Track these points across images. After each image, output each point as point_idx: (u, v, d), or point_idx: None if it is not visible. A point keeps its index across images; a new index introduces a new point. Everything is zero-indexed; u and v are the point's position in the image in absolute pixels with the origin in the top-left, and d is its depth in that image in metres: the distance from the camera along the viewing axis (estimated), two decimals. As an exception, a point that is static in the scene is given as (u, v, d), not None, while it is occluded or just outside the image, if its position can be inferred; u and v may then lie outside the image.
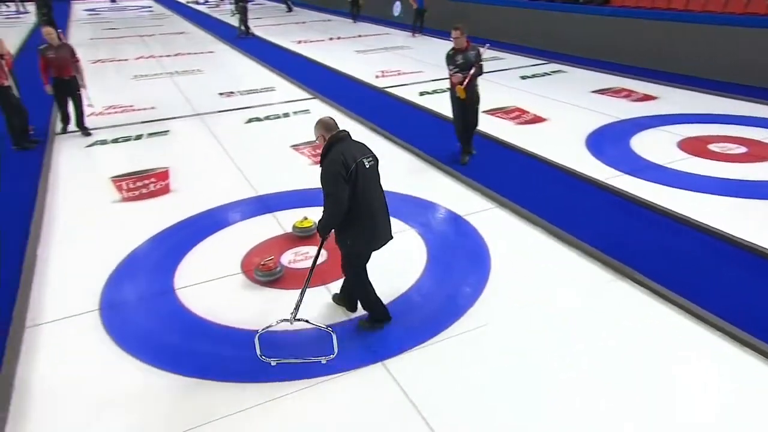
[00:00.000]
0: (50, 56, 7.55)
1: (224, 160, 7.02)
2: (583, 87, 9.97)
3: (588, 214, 5.38)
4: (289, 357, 3.52)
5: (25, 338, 3.87)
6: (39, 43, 15.87)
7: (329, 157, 3.39)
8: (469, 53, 6.23)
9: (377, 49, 14.42)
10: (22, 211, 5.70)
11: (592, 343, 3.68)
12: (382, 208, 3.61)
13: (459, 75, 6.14)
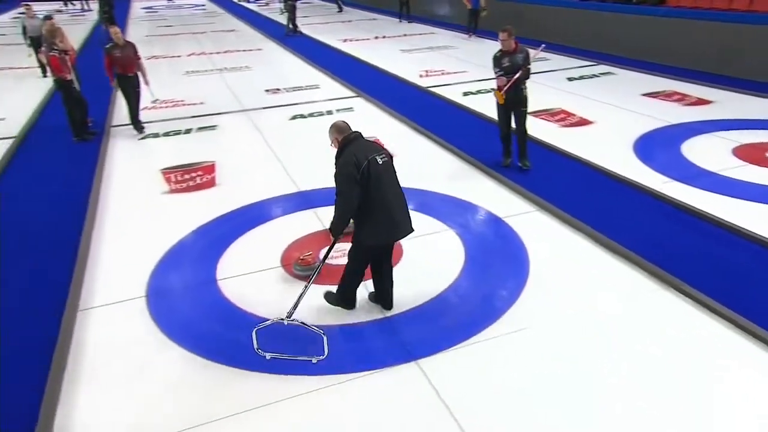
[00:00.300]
0: (116, 55, 7.81)
1: (268, 156, 7.17)
2: (632, 89, 9.67)
3: (633, 220, 5.24)
4: (286, 353, 3.52)
5: (77, 321, 4.06)
6: (100, 39, 16.56)
7: (342, 159, 3.53)
8: (516, 56, 6.07)
9: (422, 48, 14.39)
10: (79, 199, 5.98)
11: (633, 351, 3.59)
12: (399, 202, 3.68)
13: (504, 78, 6.03)
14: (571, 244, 4.91)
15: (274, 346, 3.58)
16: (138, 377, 3.53)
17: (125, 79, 7.94)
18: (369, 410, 3.22)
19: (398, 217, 3.66)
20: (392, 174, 3.68)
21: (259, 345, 3.49)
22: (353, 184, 3.44)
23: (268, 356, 3.47)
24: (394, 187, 3.68)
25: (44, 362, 3.60)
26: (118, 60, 7.84)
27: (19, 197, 6.25)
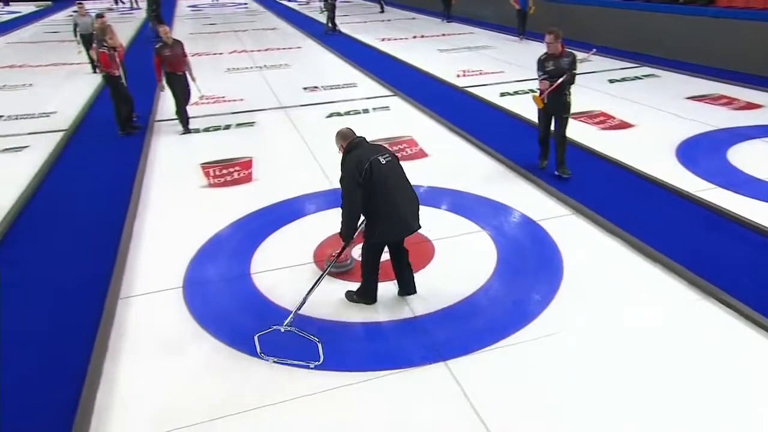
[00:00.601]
0: (166, 54, 7.85)
1: (304, 153, 7.26)
2: (676, 92, 9.37)
3: (674, 227, 5.09)
4: (287, 358, 3.54)
5: (118, 309, 4.22)
6: (147, 37, 17.09)
7: (346, 163, 3.69)
8: (562, 60, 5.87)
9: (460, 48, 14.30)
10: (122, 191, 6.19)
11: (669, 363, 3.49)
12: (406, 198, 3.77)
13: (546, 82, 5.88)
14: (608, 250, 4.80)
15: (275, 351, 3.58)
16: (172, 364, 3.64)
17: (174, 78, 7.99)
18: (396, 409, 3.23)
19: (405, 215, 3.75)
20: (398, 172, 3.79)
21: (261, 350, 3.54)
22: (356, 185, 3.59)
23: (270, 360, 3.50)
24: (401, 185, 3.78)
25: (88, 345, 3.76)
26: (168, 59, 7.89)
27: (68, 188, 6.52)
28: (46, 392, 3.44)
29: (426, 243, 4.94)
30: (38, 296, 4.46)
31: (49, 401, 3.37)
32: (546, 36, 5.91)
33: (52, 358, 3.74)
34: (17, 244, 5.25)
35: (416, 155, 7.11)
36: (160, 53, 7.86)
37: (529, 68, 11.24)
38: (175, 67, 7.97)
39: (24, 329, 4.05)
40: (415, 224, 3.85)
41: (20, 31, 20.36)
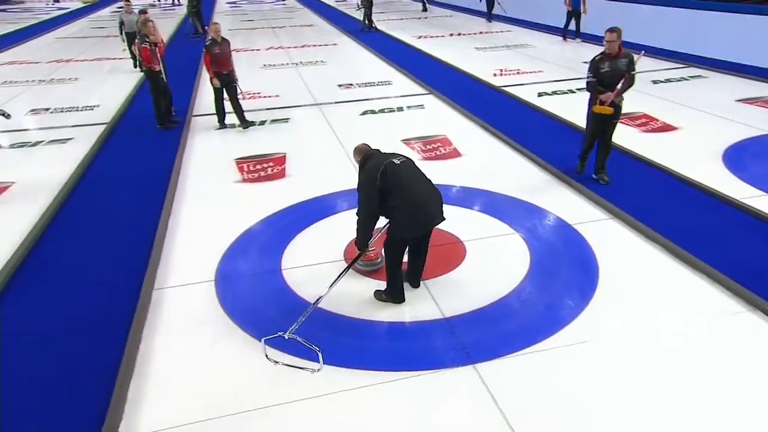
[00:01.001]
0: (215, 52, 7.81)
1: (338, 150, 7.27)
2: (725, 95, 9.01)
3: (718, 234, 4.90)
4: (293, 363, 3.51)
5: (153, 299, 4.30)
6: (186, 33, 17.39)
7: (363, 171, 3.83)
8: (619, 61, 5.53)
9: (498, 46, 14.10)
10: (159, 184, 6.32)
11: (709, 377, 3.35)
12: (425, 191, 3.83)
13: (609, 94, 5.56)
14: (646, 256, 4.65)
15: (282, 356, 3.56)
16: (203, 356, 3.69)
17: (220, 76, 7.95)
18: (423, 410, 3.20)
19: (427, 206, 3.79)
20: (415, 170, 3.90)
21: (268, 353, 3.53)
22: (373, 189, 3.70)
23: (277, 364, 3.49)
24: (420, 180, 3.87)
25: (123, 335, 3.85)
26: (217, 57, 7.84)
27: (108, 180, 6.69)
28: (81, 380, 3.53)
29: (457, 244, 4.88)
30: (78, 283, 4.58)
31: (84, 388, 3.45)
32: (607, 34, 5.53)
33: (88, 346, 3.84)
34: (60, 233, 5.42)
35: (450, 155, 7.04)
36: (210, 51, 7.82)
37: (568, 68, 11.16)
38: (221, 66, 7.91)
39: (63, 315, 4.17)
40: (438, 216, 3.85)
41: (68, 26, 21.06)
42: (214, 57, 7.84)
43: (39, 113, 9.48)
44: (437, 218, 3.85)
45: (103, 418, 3.16)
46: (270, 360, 3.46)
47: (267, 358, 3.46)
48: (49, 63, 13.80)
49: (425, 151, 7.12)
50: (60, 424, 3.21)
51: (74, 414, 3.26)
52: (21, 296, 4.43)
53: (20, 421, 3.23)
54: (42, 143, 7.99)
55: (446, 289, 4.28)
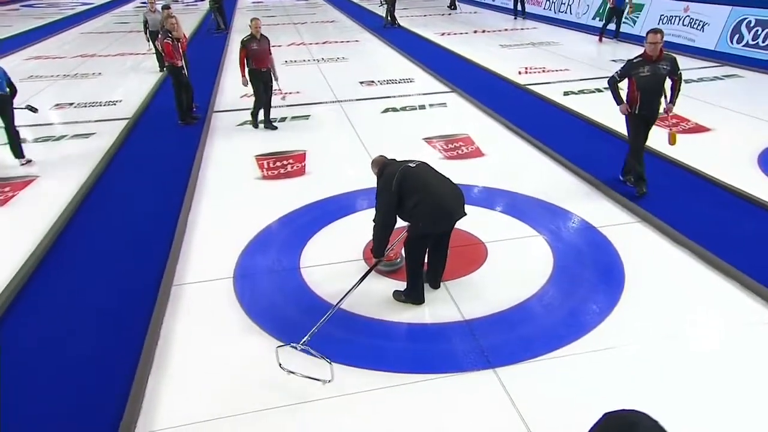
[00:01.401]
0: (253, 48, 7.52)
1: (358, 148, 7.21)
2: (762, 95, 8.70)
3: (753, 241, 4.71)
4: (304, 372, 3.41)
5: (171, 295, 4.29)
6: (209, 28, 17.42)
7: (380, 180, 3.91)
8: (660, 65, 5.16)
9: (523, 44, 13.88)
10: (179, 179, 6.33)
11: (739, 387, 3.22)
12: (445, 187, 3.85)
13: (667, 106, 5.30)
14: (676, 262, 4.50)
15: (294, 364, 3.46)
16: (220, 354, 3.67)
17: (258, 74, 7.66)
18: (440, 413, 3.15)
19: (447, 201, 3.78)
20: (431, 170, 3.95)
21: (281, 362, 3.46)
22: (390, 195, 3.75)
23: (287, 372, 3.43)
24: (438, 178, 3.89)
25: (141, 331, 3.84)
26: (254, 53, 7.55)
27: (129, 175, 6.74)
28: (100, 374, 3.53)
29: (479, 245, 4.79)
30: (98, 278, 4.59)
31: (102, 383, 3.45)
32: (649, 35, 5.15)
33: (107, 341, 3.84)
34: (81, 228, 5.45)
35: (472, 154, 6.93)
36: (247, 46, 7.57)
37: (596, 66, 10.93)
38: (260, 63, 7.63)
39: (82, 309, 4.19)
40: (459, 211, 3.82)
41: (93, 21, 21.36)
42: (250, 53, 7.59)
43: (63, 108, 9.60)
44: (458, 213, 3.82)
45: (122, 413, 3.15)
46: (283, 369, 3.42)
47: (280, 367, 3.42)
48: (73, 58, 13.99)
49: (447, 150, 7.02)
50: (79, 418, 3.21)
51: (93, 408, 3.26)
52: (42, 290, 4.46)
53: (39, 414, 3.24)
54: (66, 137, 8.08)
55: (467, 290, 4.20)
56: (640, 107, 5.35)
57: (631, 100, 5.38)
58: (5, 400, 3.32)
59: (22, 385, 3.44)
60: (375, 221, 3.94)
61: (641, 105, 5.33)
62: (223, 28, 17.21)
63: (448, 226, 3.90)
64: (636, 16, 14.09)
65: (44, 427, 3.17)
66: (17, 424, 3.17)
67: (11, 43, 15.75)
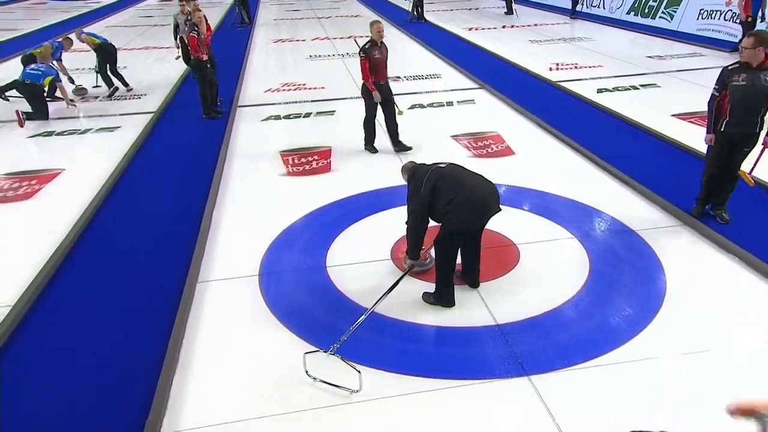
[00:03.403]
0: (375, 57, 6.33)
1: (385, 145, 7.05)
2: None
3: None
4: (331, 380, 3.27)
5: (196, 292, 4.22)
6: (233, 22, 17.31)
7: (411, 183, 3.94)
8: (762, 74, 4.34)
9: (554, 39, 13.54)
10: (204, 175, 6.26)
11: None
12: (477, 182, 3.82)
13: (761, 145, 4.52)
14: (720, 269, 4.29)
15: (321, 370, 3.33)
16: (246, 353, 3.59)
17: (379, 88, 6.46)
18: (475, 421, 3.03)
19: (482, 196, 3.75)
20: (463, 168, 3.94)
21: (308, 369, 3.34)
22: (423, 197, 3.76)
23: (314, 379, 3.30)
24: (470, 174, 3.87)
25: (167, 328, 3.77)
26: (376, 63, 6.33)
27: (154, 170, 6.70)
28: (125, 374, 3.47)
29: (510, 247, 4.63)
30: (123, 273, 4.54)
31: (127, 382, 3.39)
32: (744, 40, 4.50)
33: (131, 339, 3.79)
34: (105, 223, 5.42)
35: (502, 152, 6.73)
36: (369, 55, 6.31)
37: (631, 63, 10.59)
38: (380, 75, 6.45)
39: (107, 306, 4.14)
40: (494, 206, 3.77)
41: (118, 15, 21.51)
42: (373, 63, 6.36)
43: (88, 101, 9.63)
44: (493, 208, 3.78)
45: (147, 413, 3.08)
46: (309, 376, 3.31)
47: (306, 374, 3.31)
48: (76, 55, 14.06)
49: (476, 148, 6.84)
50: (104, 417, 3.15)
51: (118, 408, 3.20)
52: (66, 287, 4.42)
53: (63, 414, 3.18)
54: (91, 131, 8.09)
55: (499, 294, 4.06)
56: (726, 123, 4.54)
57: (720, 114, 4.57)
58: (30, 399, 3.28)
59: (47, 385, 3.40)
60: (408, 224, 3.97)
61: (729, 121, 4.51)
62: (248, 22, 17.19)
63: (483, 221, 3.84)
64: (674, 9, 13.63)
65: (69, 427, 3.11)
66: (43, 424, 3.13)
67: (38, 37, 15.89)
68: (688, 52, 11.28)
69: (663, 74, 9.63)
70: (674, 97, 8.30)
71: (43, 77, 8.46)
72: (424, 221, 3.88)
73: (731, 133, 4.55)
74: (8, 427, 3.09)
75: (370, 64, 6.32)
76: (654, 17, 14.17)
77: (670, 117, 7.48)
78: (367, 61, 6.32)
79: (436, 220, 3.85)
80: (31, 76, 8.44)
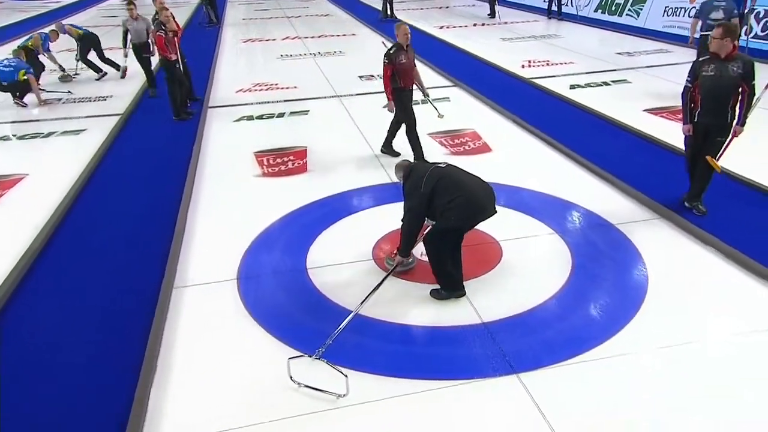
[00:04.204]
0: (401, 62, 5.75)
1: (361, 144, 6.98)
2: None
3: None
4: (317, 385, 3.19)
5: (172, 298, 4.07)
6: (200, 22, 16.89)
7: (408, 184, 3.91)
8: (729, 65, 4.46)
9: (524, 37, 13.62)
10: (176, 177, 6.08)
11: None
12: (476, 184, 3.84)
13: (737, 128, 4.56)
14: (700, 260, 4.34)
15: (306, 376, 3.23)
16: (227, 360, 3.49)
17: (404, 96, 5.94)
18: (467, 422, 2.99)
19: (480, 197, 3.79)
20: (461, 170, 3.94)
21: (293, 374, 3.24)
22: (421, 196, 3.74)
23: (299, 385, 3.21)
24: (469, 176, 3.89)
25: (143, 335, 3.63)
26: (402, 68, 5.80)
27: (123, 173, 6.48)
28: (100, 384, 3.32)
29: (492, 244, 4.60)
30: (94, 281, 4.36)
31: (103, 394, 3.25)
32: (714, 29, 4.59)
33: (106, 349, 3.63)
34: (74, 229, 5.20)
35: (479, 149, 6.72)
36: (394, 60, 5.75)
37: (601, 59, 10.72)
38: (408, 81, 5.92)
39: (78, 314, 3.96)
40: (491, 208, 3.83)
41: (80, 14, 20.82)
42: (398, 69, 5.82)
43: (51, 103, 9.28)
44: (490, 210, 3.83)
45: (124, 426, 2.94)
46: (294, 381, 3.21)
47: (291, 380, 3.21)
48: (59, 52, 13.58)
49: (453, 146, 6.82)
50: None
51: (92, 422, 3.05)
52: (34, 296, 4.22)
53: (38, 425, 3.04)
54: (55, 134, 7.79)
55: (483, 291, 4.02)
56: (699, 114, 4.66)
57: (694, 105, 4.68)
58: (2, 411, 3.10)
59: (20, 399, 3.22)
60: (404, 221, 3.92)
61: (700, 111, 4.63)
62: (215, 21, 16.89)
63: (479, 221, 3.89)
64: (640, 7, 13.88)
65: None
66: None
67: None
68: (655, 49, 11.49)
69: (632, 70, 9.78)
70: (644, 93, 8.41)
71: (16, 72, 8.41)
72: (421, 219, 3.90)
73: (703, 123, 4.67)
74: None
75: (395, 71, 5.83)
76: (621, 14, 14.41)
77: (642, 112, 7.59)
78: (390, 67, 5.80)
79: (432, 218, 3.87)
80: (3, 74, 8.45)
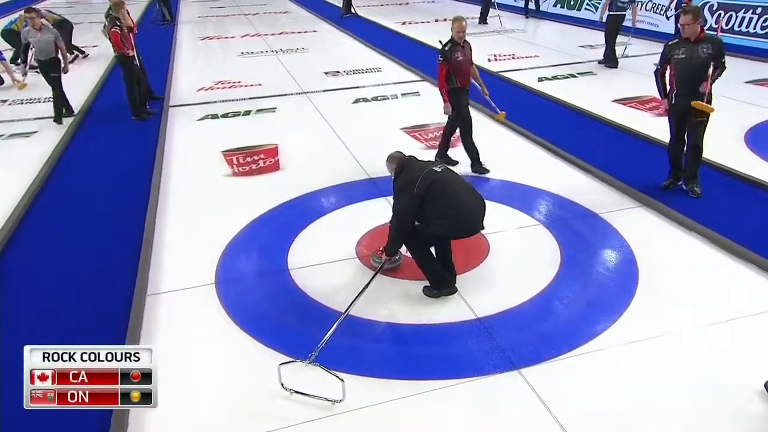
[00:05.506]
0: (459, 59, 5.35)
1: (333, 141, 6.78)
2: (735, 76, 8.69)
3: (761, 222, 4.61)
4: (310, 391, 3.03)
5: (147, 306, 3.81)
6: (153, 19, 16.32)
7: (399, 181, 3.76)
8: (699, 47, 4.62)
9: (488, 32, 13.67)
10: (140, 180, 5.75)
11: None
12: (470, 197, 3.71)
13: (702, 96, 4.67)
14: (685, 246, 4.36)
15: (299, 382, 3.06)
16: (210, 368, 3.30)
17: (461, 97, 5.45)
18: (471, 421, 2.89)
19: (472, 212, 3.68)
20: (457, 177, 3.80)
21: (284, 381, 3.06)
22: (413, 196, 3.58)
23: (291, 392, 3.03)
24: (463, 187, 3.74)
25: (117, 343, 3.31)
26: (459, 66, 5.32)
27: (80, 177, 6.09)
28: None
29: (479, 237, 4.47)
30: (59, 292, 4.05)
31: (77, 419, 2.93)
32: (682, 17, 4.71)
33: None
34: (30, 239, 4.83)
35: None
36: (451, 57, 5.25)
37: (565, 52, 10.82)
38: (463, 80, 5.40)
39: (45, 328, 3.65)
40: (480, 224, 3.74)
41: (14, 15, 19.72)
42: (454, 67, 5.33)
43: None
44: (479, 227, 3.75)
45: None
46: (286, 389, 3.02)
47: (282, 387, 3.01)
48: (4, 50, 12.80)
49: (428, 140, 6.70)
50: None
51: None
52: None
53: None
54: (2, 137, 7.27)
55: (474, 286, 3.93)
56: (676, 95, 4.81)
57: (671, 87, 4.86)
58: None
59: None
60: (393, 221, 3.77)
61: (676, 92, 4.80)
62: (170, 19, 16.28)
63: (468, 236, 3.82)
64: (598, 1, 14.10)
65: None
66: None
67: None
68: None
69: (596, 62, 9.90)
70: (610, 84, 8.56)
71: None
72: (411, 222, 3.71)
73: (681, 104, 4.81)
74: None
75: (450, 69, 5.34)
76: (580, 9, 14.65)
77: (611, 102, 7.68)
78: (445, 66, 5.30)
79: (420, 221, 3.71)
80: None
